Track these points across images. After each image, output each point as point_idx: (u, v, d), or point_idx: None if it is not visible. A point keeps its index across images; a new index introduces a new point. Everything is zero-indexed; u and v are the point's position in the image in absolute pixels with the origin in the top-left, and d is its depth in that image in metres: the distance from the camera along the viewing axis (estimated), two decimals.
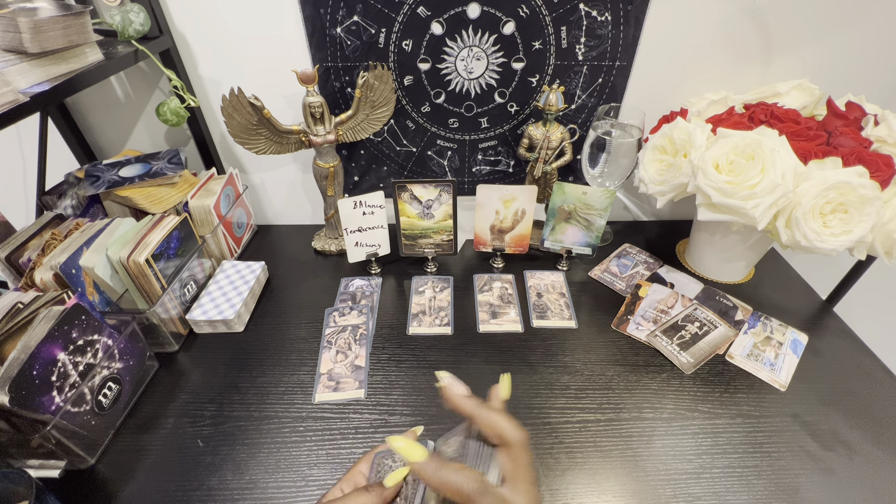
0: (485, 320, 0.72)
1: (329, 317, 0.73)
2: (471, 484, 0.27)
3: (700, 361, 0.65)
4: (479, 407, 0.31)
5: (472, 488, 0.27)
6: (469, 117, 0.81)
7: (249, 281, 0.76)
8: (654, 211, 0.97)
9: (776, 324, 0.71)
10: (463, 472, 0.28)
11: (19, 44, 0.50)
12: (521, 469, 0.29)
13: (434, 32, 0.72)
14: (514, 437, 0.29)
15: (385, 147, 0.86)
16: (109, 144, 0.87)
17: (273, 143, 0.75)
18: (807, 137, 0.63)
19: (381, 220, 0.76)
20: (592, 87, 0.78)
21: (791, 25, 0.72)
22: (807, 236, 0.60)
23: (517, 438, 0.29)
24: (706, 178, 0.63)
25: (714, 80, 0.77)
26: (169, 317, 0.67)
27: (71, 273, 0.60)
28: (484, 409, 0.31)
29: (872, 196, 0.57)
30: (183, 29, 0.73)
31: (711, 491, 0.52)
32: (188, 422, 0.59)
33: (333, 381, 0.63)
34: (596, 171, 0.78)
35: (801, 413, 0.60)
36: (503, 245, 0.81)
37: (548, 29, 0.72)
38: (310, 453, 0.55)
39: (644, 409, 0.60)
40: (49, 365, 0.49)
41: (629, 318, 0.72)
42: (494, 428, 0.30)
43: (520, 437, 0.30)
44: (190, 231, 0.72)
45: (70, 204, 0.74)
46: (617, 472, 0.53)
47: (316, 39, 0.73)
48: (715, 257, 0.79)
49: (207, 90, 0.79)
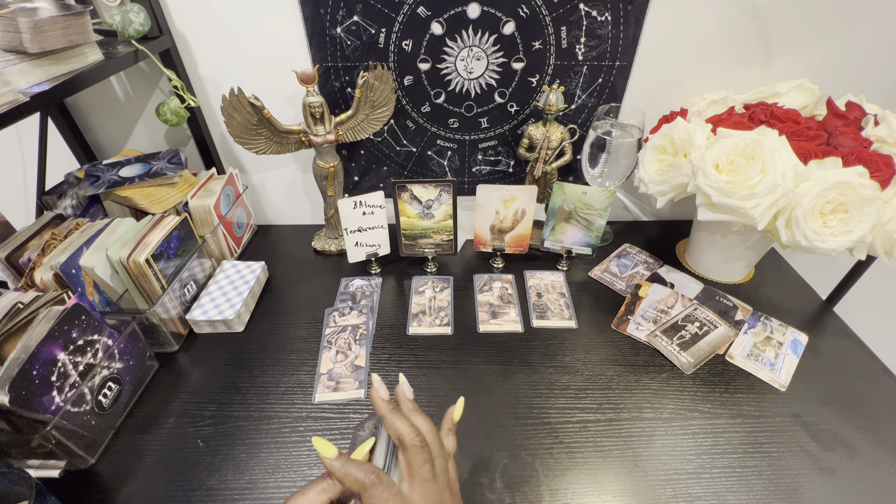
0: (485, 320, 0.72)
1: (329, 317, 0.73)
2: (368, 476, 0.32)
3: (700, 361, 0.65)
4: (389, 411, 0.35)
5: (368, 479, 0.31)
6: (469, 117, 0.81)
7: (249, 281, 0.76)
8: (654, 211, 0.97)
9: (776, 324, 0.71)
10: (363, 465, 0.32)
11: (19, 44, 0.50)
12: (415, 469, 0.33)
13: (434, 32, 0.72)
14: (408, 440, 0.34)
15: (385, 147, 0.86)
16: (109, 144, 0.87)
17: (273, 143, 0.75)
18: (807, 137, 0.63)
19: (381, 220, 0.76)
20: (592, 87, 0.78)
21: (791, 25, 0.72)
22: (807, 236, 0.60)
23: (410, 442, 0.34)
24: (706, 178, 0.63)
25: (714, 80, 0.77)
26: (169, 317, 0.67)
27: (71, 273, 0.60)
28: (390, 414, 0.35)
29: (872, 196, 0.57)
30: (183, 29, 0.73)
31: (711, 491, 0.52)
32: (188, 422, 0.59)
33: (333, 381, 0.63)
34: (596, 171, 0.78)
35: (801, 413, 0.60)
36: (503, 245, 0.81)
37: (548, 29, 0.72)
38: (310, 453, 0.55)
39: (644, 409, 0.60)
40: (49, 365, 0.49)
41: (629, 318, 0.72)
42: (395, 432, 0.34)
43: (412, 441, 0.34)
44: (190, 231, 0.72)
45: (70, 204, 0.74)
46: (617, 472, 0.53)
47: (316, 39, 0.73)
48: (715, 257, 0.79)
49: (207, 90, 0.79)
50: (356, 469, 0.32)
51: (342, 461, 0.32)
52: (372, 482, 0.31)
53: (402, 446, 0.34)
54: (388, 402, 0.36)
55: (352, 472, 0.32)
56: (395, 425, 0.35)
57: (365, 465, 0.32)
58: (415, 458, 0.34)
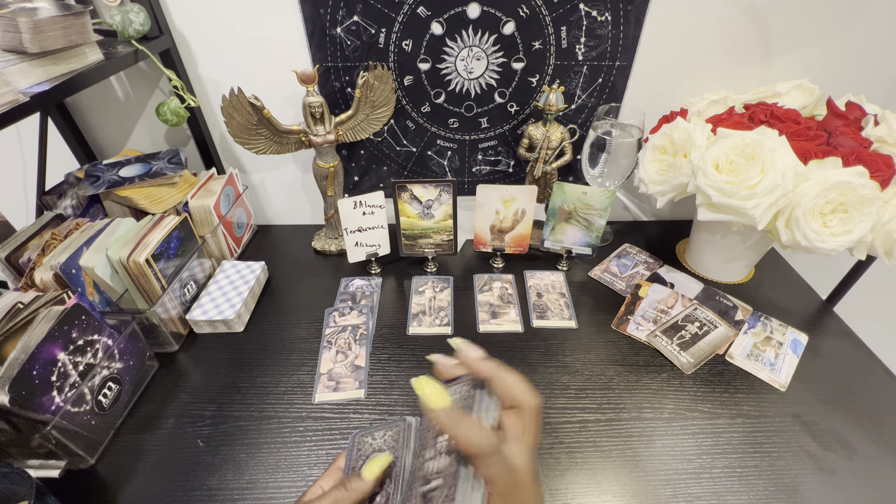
0: (485, 320, 0.72)
1: (329, 317, 0.73)
2: (487, 441, 0.26)
3: (700, 361, 0.65)
4: (498, 368, 0.30)
5: (487, 445, 0.26)
6: (469, 117, 0.81)
7: (249, 281, 0.76)
8: (654, 211, 0.97)
9: (776, 324, 0.71)
10: (482, 428, 0.27)
11: (19, 44, 0.50)
12: (529, 434, 0.29)
13: (434, 32, 0.72)
14: (529, 401, 0.29)
15: (385, 147, 0.86)
16: (109, 144, 0.87)
17: (273, 143, 0.75)
18: (807, 137, 0.63)
19: (381, 220, 0.76)
20: (592, 87, 0.78)
21: (791, 25, 0.72)
22: (807, 236, 0.60)
23: (531, 403, 0.29)
24: (706, 178, 0.63)
25: (714, 80, 0.77)
26: (169, 317, 0.67)
27: (71, 273, 0.60)
28: (501, 371, 0.30)
29: (872, 196, 0.57)
30: (183, 29, 0.73)
31: (711, 491, 0.52)
32: (188, 422, 0.59)
33: (333, 381, 0.63)
34: (596, 171, 0.78)
35: (801, 413, 0.60)
36: (503, 245, 0.81)
37: (548, 29, 0.72)
38: (310, 453, 0.55)
39: (644, 409, 0.60)
40: (49, 365, 0.49)
41: (629, 318, 0.72)
42: (511, 389, 0.29)
43: (535, 401, 0.29)
44: (190, 231, 0.72)
45: (70, 204, 0.74)
46: (617, 472, 0.53)
47: (316, 39, 0.73)
48: (715, 257, 0.79)
49: (207, 90, 0.79)
50: (474, 430, 0.27)
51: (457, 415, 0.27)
52: (491, 448, 0.26)
53: (519, 408, 0.29)
54: (490, 360, 0.31)
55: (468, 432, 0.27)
56: (509, 382, 0.29)
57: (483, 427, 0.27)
58: (531, 424, 0.29)
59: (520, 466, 0.27)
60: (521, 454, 0.28)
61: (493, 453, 0.26)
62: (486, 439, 0.26)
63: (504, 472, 0.27)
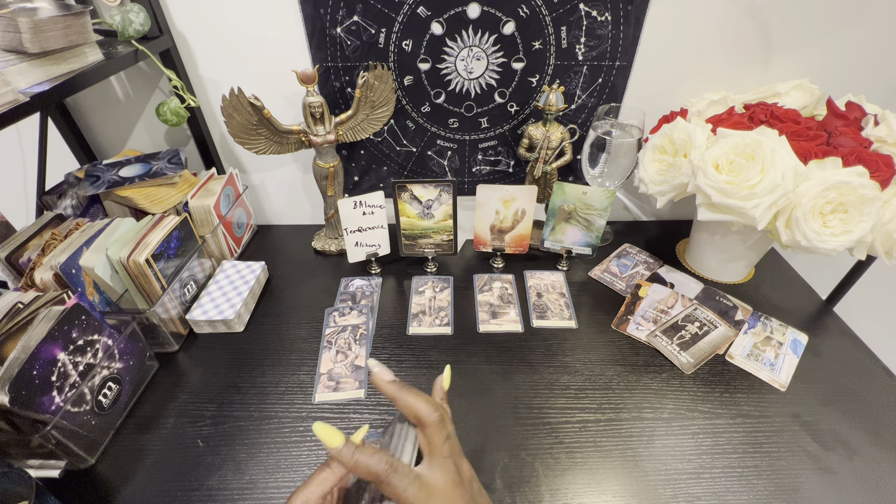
0: (485, 320, 0.72)
1: (329, 317, 0.73)
2: (381, 465, 0.29)
3: (700, 361, 0.65)
4: (399, 390, 0.33)
5: (381, 468, 0.29)
6: (469, 117, 0.81)
7: (249, 281, 0.76)
8: (654, 211, 0.97)
9: (776, 324, 0.71)
10: (375, 454, 0.30)
11: (19, 44, 0.50)
12: (436, 446, 0.31)
13: (434, 32, 0.72)
14: (428, 417, 0.32)
15: (385, 147, 0.86)
16: (109, 144, 0.87)
17: (273, 143, 0.75)
18: (807, 137, 0.63)
19: (381, 220, 0.76)
20: (592, 87, 0.78)
21: (791, 25, 0.72)
22: (807, 236, 0.60)
23: (430, 418, 0.32)
24: (706, 178, 0.63)
25: (714, 80, 0.77)
26: (169, 317, 0.67)
27: (71, 273, 0.60)
28: (403, 392, 0.33)
29: (872, 196, 0.57)
30: (183, 29, 0.73)
31: (711, 491, 0.52)
32: (188, 422, 0.59)
33: (333, 381, 0.63)
34: (596, 171, 0.78)
35: (801, 413, 0.60)
36: (503, 245, 0.81)
37: (548, 29, 0.72)
38: (310, 453, 0.55)
39: (644, 409, 0.60)
40: (49, 365, 0.49)
41: (629, 318, 0.72)
42: (411, 410, 0.32)
43: (433, 417, 0.32)
44: (190, 231, 0.72)
45: (70, 204, 0.74)
46: (617, 472, 0.53)
47: (316, 39, 0.73)
48: (715, 257, 0.79)
49: (207, 90, 0.79)
50: (368, 458, 0.30)
51: (351, 450, 0.30)
52: (387, 470, 0.29)
53: (421, 424, 0.32)
54: (394, 383, 0.33)
55: (363, 461, 0.29)
56: (410, 402, 0.32)
57: (376, 452, 0.30)
58: (436, 436, 0.31)
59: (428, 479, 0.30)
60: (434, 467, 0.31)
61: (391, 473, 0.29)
62: (379, 464, 0.29)
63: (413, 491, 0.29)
